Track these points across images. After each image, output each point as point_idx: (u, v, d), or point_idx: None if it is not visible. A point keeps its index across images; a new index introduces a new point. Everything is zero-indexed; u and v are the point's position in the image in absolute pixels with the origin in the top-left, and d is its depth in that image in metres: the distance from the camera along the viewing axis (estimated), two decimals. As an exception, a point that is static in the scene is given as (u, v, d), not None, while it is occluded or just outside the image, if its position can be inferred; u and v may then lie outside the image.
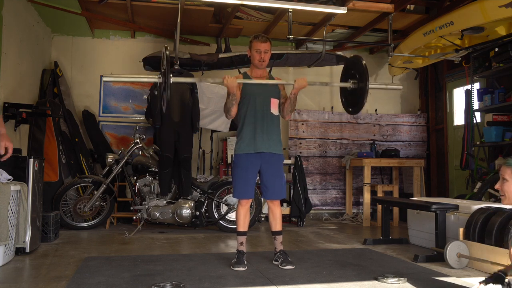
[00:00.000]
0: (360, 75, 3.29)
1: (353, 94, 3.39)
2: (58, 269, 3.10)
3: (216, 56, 5.85)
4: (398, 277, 2.89)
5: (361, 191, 6.47)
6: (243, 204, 3.34)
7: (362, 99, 3.24)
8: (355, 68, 3.37)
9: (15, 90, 4.92)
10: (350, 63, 3.49)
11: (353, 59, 3.46)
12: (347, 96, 3.51)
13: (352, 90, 3.37)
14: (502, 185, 2.25)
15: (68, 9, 5.49)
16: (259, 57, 3.33)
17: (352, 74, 3.38)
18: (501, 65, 5.03)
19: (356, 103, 3.36)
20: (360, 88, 3.29)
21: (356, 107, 3.38)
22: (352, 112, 3.50)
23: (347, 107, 3.55)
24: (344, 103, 3.59)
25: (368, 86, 3.18)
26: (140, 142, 5.11)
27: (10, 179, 3.40)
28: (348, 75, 3.44)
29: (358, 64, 3.33)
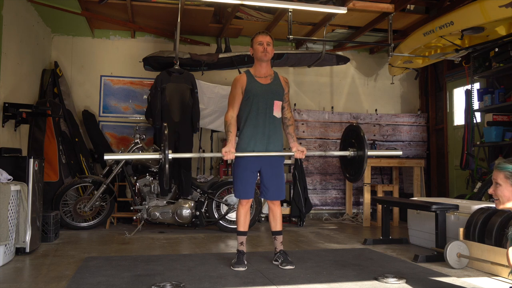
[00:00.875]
0: (359, 143, 3.36)
1: (352, 162, 3.46)
2: (58, 269, 3.10)
3: (216, 56, 5.86)
4: (398, 277, 2.89)
5: (361, 191, 6.46)
6: (244, 204, 3.34)
7: (361, 167, 3.32)
8: (354, 137, 3.45)
9: (15, 90, 4.92)
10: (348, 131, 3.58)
11: (351, 127, 3.54)
12: (347, 164, 3.58)
13: (351, 158, 3.44)
14: (496, 190, 2.22)
15: (68, 9, 5.49)
16: (262, 48, 3.27)
17: (352, 143, 3.46)
18: (501, 65, 5.03)
19: (356, 171, 3.44)
20: (359, 157, 3.36)
21: (356, 174, 3.45)
22: (352, 180, 3.61)
23: (345, 174, 3.66)
24: (344, 170, 3.70)
25: (367, 155, 3.25)
26: (140, 142, 5.11)
27: (10, 179, 3.40)
28: (348, 143, 3.52)
29: (356, 133, 3.41)
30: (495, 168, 2.22)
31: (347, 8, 4.97)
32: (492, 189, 2.24)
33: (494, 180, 2.23)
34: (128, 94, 6.44)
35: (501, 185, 2.18)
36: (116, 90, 6.43)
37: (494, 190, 2.22)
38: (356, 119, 6.82)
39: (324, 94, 7.03)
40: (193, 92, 5.18)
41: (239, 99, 3.29)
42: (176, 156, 3.33)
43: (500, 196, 2.19)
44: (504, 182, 2.17)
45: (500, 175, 2.18)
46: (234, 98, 3.29)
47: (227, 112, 3.29)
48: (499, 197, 2.19)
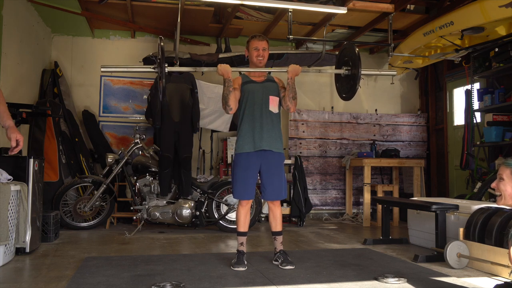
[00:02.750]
0: (353, 62, 3.39)
1: (347, 81, 3.51)
2: (58, 269, 3.10)
3: (216, 56, 5.86)
4: (398, 277, 2.89)
5: (361, 191, 6.47)
6: (244, 205, 3.34)
7: (355, 85, 3.35)
8: (348, 55, 3.48)
9: (15, 90, 4.92)
10: (343, 51, 3.60)
11: (345, 46, 3.57)
12: (342, 83, 3.61)
13: (345, 76, 3.49)
14: (498, 184, 2.26)
15: (68, 9, 5.50)
16: (257, 53, 3.35)
17: (346, 61, 3.49)
18: (501, 65, 5.03)
19: (350, 89, 3.47)
20: (353, 74, 3.40)
21: (350, 92, 3.49)
22: (346, 98, 3.59)
23: (341, 94, 3.66)
24: (339, 89, 3.69)
25: (360, 72, 3.29)
26: (140, 142, 5.11)
27: (10, 179, 3.40)
28: (342, 62, 3.55)
29: (350, 51, 3.44)
30: (503, 163, 2.26)
31: (347, 8, 4.97)
32: (495, 183, 2.28)
33: (499, 175, 2.26)
34: (128, 94, 6.44)
35: (505, 179, 2.22)
36: (116, 90, 6.43)
37: (497, 183, 2.26)
38: (356, 119, 6.82)
39: (324, 94, 7.03)
40: (193, 92, 5.18)
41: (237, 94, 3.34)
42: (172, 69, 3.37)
43: (502, 190, 2.23)
44: (508, 178, 2.20)
45: (506, 170, 2.22)
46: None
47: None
48: (502, 191, 2.23)
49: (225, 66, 3.26)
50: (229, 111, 3.30)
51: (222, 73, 3.25)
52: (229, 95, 3.25)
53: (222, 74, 3.26)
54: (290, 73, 3.33)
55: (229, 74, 3.26)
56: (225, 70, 3.25)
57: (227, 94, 3.24)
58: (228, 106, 3.26)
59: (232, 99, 3.27)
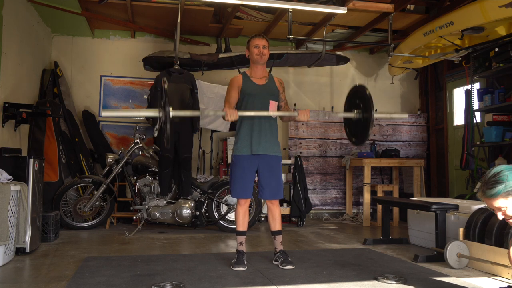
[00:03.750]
0: (365, 105, 3.16)
1: (357, 125, 3.27)
2: (58, 269, 3.10)
3: (216, 56, 5.86)
4: (398, 277, 2.89)
5: (361, 191, 6.47)
6: (242, 204, 3.34)
7: (367, 129, 3.12)
8: (359, 98, 3.24)
9: (15, 90, 4.92)
10: (354, 92, 3.37)
11: (357, 88, 3.35)
12: (351, 126, 3.39)
13: (356, 120, 3.25)
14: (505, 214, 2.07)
15: (68, 9, 5.49)
16: (257, 51, 3.33)
17: (357, 104, 3.26)
18: (501, 65, 5.03)
19: (361, 134, 3.25)
20: (365, 119, 3.17)
21: (361, 137, 3.27)
22: (357, 143, 3.38)
23: (351, 137, 3.45)
24: (348, 133, 3.48)
25: (374, 116, 3.06)
26: (140, 142, 5.11)
27: (10, 179, 3.40)
28: (352, 105, 3.31)
29: (362, 94, 3.21)
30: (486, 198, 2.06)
31: (347, 8, 4.97)
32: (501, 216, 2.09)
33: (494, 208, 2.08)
34: (128, 94, 6.44)
35: (508, 207, 2.04)
36: (116, 90, 6.43)
37: (504, 214, 2.08)
38: (356, 119, 6.81)
39: (324, 94, 7.02)
40: (193, 92, 5.18)
41: (235, 99, 3.35)
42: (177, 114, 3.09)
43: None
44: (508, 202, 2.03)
45: (498, 201, 2.04)
46: (230, 97, 3.36)
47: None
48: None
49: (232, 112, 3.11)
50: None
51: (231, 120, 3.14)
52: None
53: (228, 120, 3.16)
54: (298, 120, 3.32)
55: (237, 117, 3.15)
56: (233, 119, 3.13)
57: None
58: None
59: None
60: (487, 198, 2.06)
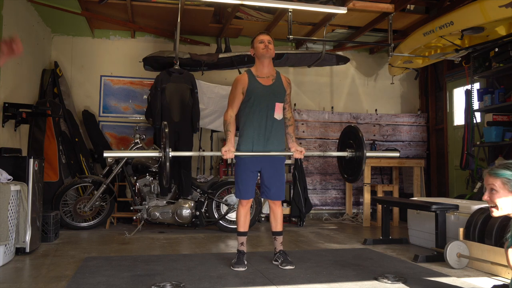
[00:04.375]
0: (357, 144, 3.32)
1: (350, 163, 3.43)
2: (58, 269, 3.10)
3: (216, 56, 5.86)
4: (398, 277, 2.89)
5: (361, 191, 6.46)
6: (244, 204, 3.33)
7: (360, 167, 3.28)
8: (352, 138, 3.41)
9: (15, 90, 4.92)
10: (346, 133, 3.55)
11: (349, 129, 3.50)
12: (344, 164, 3.55)
13: (349, 158, 3.41)
14: (492, 196, 2.14)
15: (68, 9, 5.49)
16: (263, 45, 3.25)
17: (350, 144, 3.43)
18: (501, 65, 5.03)
19: (354, 172, 3.40)
20: (357, 157, 3.32)
21: (354, 175, 3.41)
22: (350, 180, 3.57)
23: (343, 174, 3.63)
24: (342, 170, 3.65)
25: (366, 155, 3.22)
26: (140, 142, 5.11)
27: (10, 179, 3.40)
28: (346, 144, 3.49)
29: (354, 134, 3.37)
30: (489, 174, 2.14)
31: (347, 8, 4.97)
32: (487, 196, 2.16)
33: (489, 186, 2.14)
34: (128, 94, 6.44)
35: (498, 191, 2.10)
36: (116, 90, 6.43)
37: (490, 196, 2.14)
38: (356, 119, 6.82)
39: (324, 94, 7.03)
40: (193, 92, 5.18)
41: (239, 100, 3.26)
42: (177, 154, 3.29)
43: (499, 202, 2.11)
44: (502, 189, 2.10)
45: (497, 181, 2.10)
46: (234, 98, 3.26)
47: (226, 112, 3.27)
48: (497, 203, 2.12)
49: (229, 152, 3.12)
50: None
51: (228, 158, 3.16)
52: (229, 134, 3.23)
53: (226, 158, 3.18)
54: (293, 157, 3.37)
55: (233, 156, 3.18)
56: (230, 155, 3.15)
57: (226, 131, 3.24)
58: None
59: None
60: (489, 174, 2.14)
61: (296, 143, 3.42)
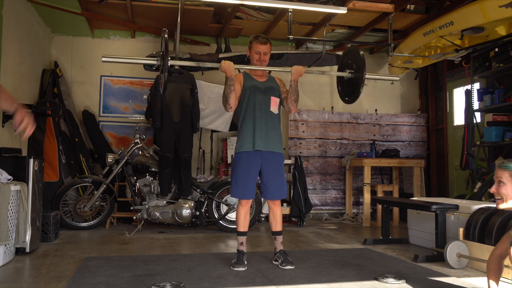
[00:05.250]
0: (357, 65, 3.35)
1: (349, 84, 3.46)
2: (58, 269, 3.10)
3: (216, 56, 5.85)
4: (398, 277, 2.89)
5: (361, 191, 6.46)
6: (243, 204, 3.33)
7: (358, 88, 3.32)
8: (352, 58, 3.44)
9: (15, 90, 4.92)
10: (347, 53, 3.56)
11: (350, 49, 3.53)
12: (344, 86, 3.58)
13: (348, 79, 3.44)
14: (499, 188, 2.20)
15: (68, 9, 5.49)
16: (258, 57, 3.35)
17: (349, 64, 3.45)
18: (501, 65, 5.03)
19: (352, 93, 3.43)
20: (356, 78, 3.36)
21: (353, 96, 3.45)
22: (348, 101, 3.57)
23: (343, 96, 3.63)
24: (341, 92, 3.66)
25: (365, 76, 3.25)
26: (140, 142, 5.11)
27: (10, 179, 3.40)
28: (345, 65, 3.51)
29: (355, 54, 3.40)
30: (499, 167, 2.21)
31: (347, 8, 4.97)
32: (494, 188, 2.22)
33: (497, 178, 2.21)
34: (128, 94, 6.44)
35: (506, 183, 2.17)
36: (116, 90, 6.43)
37: (497, 188, 2.21)
38: (356, 119, 6.82)
39: (324, 94, 7.02)
40: (193, 92, 5.18)
41: (237, 91, 3.31)
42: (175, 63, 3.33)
43: (504, 194, 2.18)
44: (508, 181, 2.16)
45: (505, 173, 2.17)
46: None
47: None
48: (503, 195, 2.18)
49: (228, 63, 3.21)
50: (228, 109, 3.29)
51: (225, 70, 3.20)
52: (230, 93, 3.23)
53: (224, 71, 3.21)
54: (294, 75, 3.30)
55: (232, 72, 3.22)
56: (228, 68, 3.21)
57: (228, 92, 3.23)
58: (228, 105, 3.26)
59: (233, 98, 3.25)
60: (499, 167, 2.20)
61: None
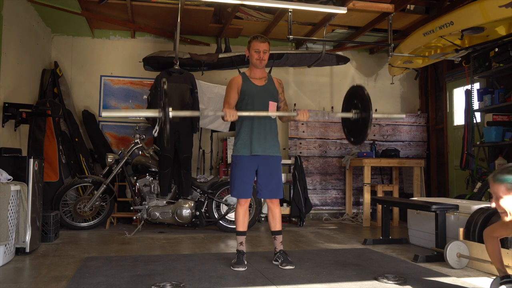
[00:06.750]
0: (363, 105, 3.17)
1: (355, 125, 3.28)
2: (58, 269, 3.10)
3: (216, 56, 5.86)
4: (398, 277, 2.89)
5: (361, 191, 6.46)
6: (242, 204, 3.34)
7: (366, 129, 3.12)
8: (357, 98, 3.25)
9: (15, 90, 4.92)
10: (352, 92, 3.38)
11: (355, 88, 3.35)
12: (349, 126, 3.40)
13: (354, 120, 3.26)
14: (498, 203, 2.13)
15: (68, 9, 5.49)
16: (257, 56, 3.34)
17: (355, 104, 3.26)
18: (501, 65, 5.03)
19: (360, 134, 3.25)
20: (363, 118, 3.17)
21: (360, 137, 3.27)
22: (354, 142, 3.40)
23: (349, 137, 3.45)
24: (347, 133, 3.48)
25: (372, 116, 3.06)
26: (140, 142, 5.11)
27: (10, 179, 3.40)
28: (351, 105, 3.32)
29: (361, 94, 3.22)
30: (493, 181, 2.12)
31: (347, 8, 4.97)
32: (494, 203, 2.15)
33: (494, 194, 2.13)
34: (128, 94, 6.44)
35: (503, 197, 2.10)
36: (116, 90, 6.43)
37: (496, 203, 2.13)
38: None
39: (324, 94, 7.02)
40: (193, 92, 5.18)
41: (234, 100, 3.36)
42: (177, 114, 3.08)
43: (505, 207, 2.11)
44: (506, 194, 2.09)
45: (501, 187, 2.09)
46: (230, 98, 3.36)
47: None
48: (505, 209, 2.11)
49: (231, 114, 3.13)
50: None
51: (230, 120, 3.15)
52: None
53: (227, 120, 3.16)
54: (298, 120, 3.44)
55: (236, 117, 3.17)
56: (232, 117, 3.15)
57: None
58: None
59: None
60: (493, 181, 2.13)
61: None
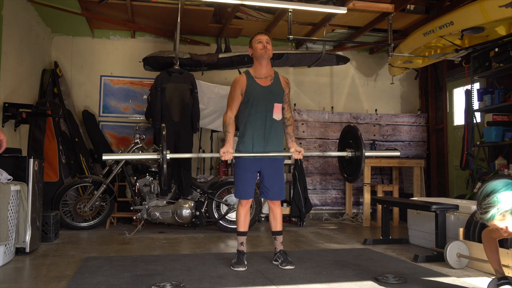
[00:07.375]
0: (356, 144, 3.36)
1: (350, 163, 3.45)
2: (58, 269, 3.10)
3: (216, 56, 5.86)
4: (398, 277, 2.89)
5: (361, 191, 6.46)
6: (243, 204, 3.34)
7: (359, 167, 3.32)
8: (351, 138, 3.45)
9: (15, 90, 4.92)
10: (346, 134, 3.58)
11: (349, 128, 3.53)
12: (344, 164, 3.58)
13: (349, 158, 3.44)
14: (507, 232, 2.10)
15: (68, 9, 5.49)
16: (261, 46, 3.26)
17: (349, 144, 3.46)
18: (501, 65, 5.02)
19: (354, 172, 3.43)
20: (356, 157, 3.36)
21: (354, 175, 3.45)
22: (350, 180, 3.61)
23: (343, 174, 3.67)
24: (342, 170, 3.69)
25: (365, 154, 3.25)
26: (140, 142, 5.11)
27: (10, 179, 3.40)
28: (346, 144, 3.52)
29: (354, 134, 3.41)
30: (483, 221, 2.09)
31: (347, 8, 4.97)
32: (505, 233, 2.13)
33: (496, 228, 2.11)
34: (128, 94, 6.44)
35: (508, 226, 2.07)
36: (116, 90, 6.43)
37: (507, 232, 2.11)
38: (356, 119, 6.82)
39: (324, 94, 7.03)
40: (193, 92, 5.18)
41: (238, 101, 3.28)
42: (175, 156, 3.33)
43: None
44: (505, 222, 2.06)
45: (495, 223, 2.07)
46: (233, 99, 3.28)
47: (225, 113, 3.30)
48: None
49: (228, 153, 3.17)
50: None
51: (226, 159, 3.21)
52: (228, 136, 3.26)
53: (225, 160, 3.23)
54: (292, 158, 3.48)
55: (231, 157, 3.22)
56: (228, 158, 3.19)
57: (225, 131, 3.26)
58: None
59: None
60: (486, 222, 2.10)
61: (295, 143, 3.44)
